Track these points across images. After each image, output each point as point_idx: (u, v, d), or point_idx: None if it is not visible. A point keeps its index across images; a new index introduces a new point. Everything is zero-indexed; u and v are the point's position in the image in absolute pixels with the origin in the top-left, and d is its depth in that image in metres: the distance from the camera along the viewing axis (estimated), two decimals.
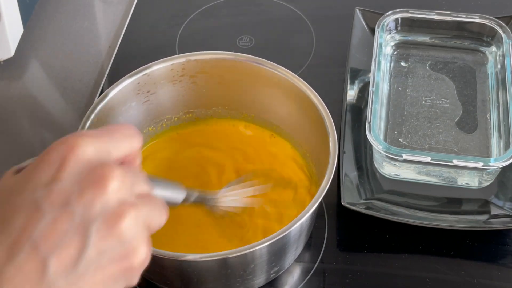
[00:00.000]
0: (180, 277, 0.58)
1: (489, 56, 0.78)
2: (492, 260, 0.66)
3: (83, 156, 0.40)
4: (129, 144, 0.43)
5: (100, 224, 0.39)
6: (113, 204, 0.39)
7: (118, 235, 0.39)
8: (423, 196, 0.69)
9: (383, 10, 0.80)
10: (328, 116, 0.61)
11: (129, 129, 0.44)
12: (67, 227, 0.38)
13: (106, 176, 0.39)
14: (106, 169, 0.40)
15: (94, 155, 0.40)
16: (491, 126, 0.71)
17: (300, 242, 0.61)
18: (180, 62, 0.66)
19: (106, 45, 0.88)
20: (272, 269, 0.59)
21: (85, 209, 0.39)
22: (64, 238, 0.38)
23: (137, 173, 0.43)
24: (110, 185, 0.39)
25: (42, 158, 0.40)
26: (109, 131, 0.42)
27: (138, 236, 0.41)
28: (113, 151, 0.42)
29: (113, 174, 0.40)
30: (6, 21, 0.76)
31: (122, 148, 0.43)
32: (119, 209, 0.40)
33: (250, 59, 0.66)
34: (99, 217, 0.39)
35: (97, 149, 0.41)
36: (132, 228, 0.40)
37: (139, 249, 0.41)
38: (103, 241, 0.39)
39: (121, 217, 0.39)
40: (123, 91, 0.64)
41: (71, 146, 0.40)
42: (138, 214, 0.40)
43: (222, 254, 0.53)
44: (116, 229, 0.39)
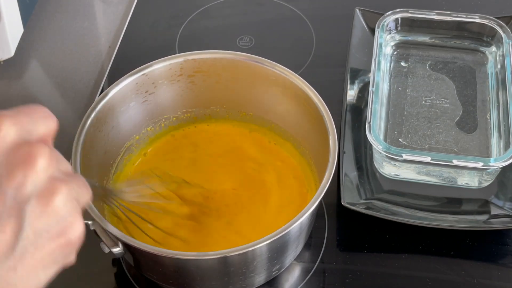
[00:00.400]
0: (182, 276, 0.58)
1: (489, 56, 0.78)
2: (492, 260, 0.66)
3: (7, 138, 0.39)
4: (46, 124, 0.42)
5: (34, 203, 0.38)
6: (44, 181, 0.39)
7: (53, 212, 0.39)
8: (423, 196, 0.69)
9: (383, 10, 0.80)
10: (328, 115, 0.61)
11: (44, 110, 0.43)
12: (0, 210, 0.37)
13: (33, 154, 0.39)
14: (33, 147, 0.39)
15: (17, 136, 0.40)
16: (491, 126, 0.71)
17: (301, 240, 0.61)
18: (178, 61, 0.66)
19: (106, 45, 0.88)
20: (273, 267, 0.60)
21: (17, 190, 0.38)
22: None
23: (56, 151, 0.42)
24: (38, 163, 0.39)
25: None
26: (27, 112, 0.42)
27: (72, 211, 0.40)
28: (33, 130, 0.41)
29: (40, 151, 0.39)
30: (6, 21, 0.77)
31: (41, 128, 0.42)
32: (50, 186, 0.39)
33: (248, 58, 0.66)
34: (32, 197, 0.38)
35: (19, 129, 0.40)
36: (65, 203, 0.40)
37: (75, 224, 0.40)
38: (39, 220, 0.38)
39: (54, 194, 0.39)
40: (121, 91, 0.64)
41: None
42: (69, 189, 0.40)
43: (223, 252, 0.53)
44: (51, 206, 0.39)
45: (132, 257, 0.59)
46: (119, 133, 0.66)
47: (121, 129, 0.66)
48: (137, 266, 0.61)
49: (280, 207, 0.64)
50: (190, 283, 0.59)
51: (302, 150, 0.67)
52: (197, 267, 0.56)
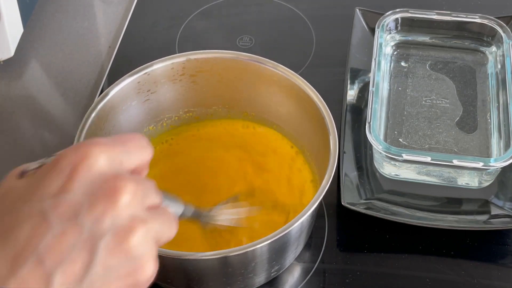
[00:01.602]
0: (181, 276, 0.58)
1: (489, 56, 0.78)
2: (492, 260, 0.66)
3: (95, 167, 0.38)
4: (141, 155, 0.42)
5: (109, 240, 0.38)
6: (123, 219, 0.38)
7: (127, 252, 0.38)
8: (423, 196, 0.69)
9: (383, 10, 0.80)
10: (329, 114, 0.61)
11: (141, 139, 0.42)
12: (74, 241, 0.37)
13: (118, 189, 0.38)
14: (119, 181, 0.38)
15: (106, 166, 0.39)
16: (491, 126, 0.71)
17: (301, 241, 0.61)
18: (181, 61, 0.66)
19: (106, 45, 0.88)
20: (273, 267, 0.59)
21: (95, 223, 0.37)
22: (71, 253, 0.37)
23: (147, 185, 0.41)
24: (121, 199, 0.38)
25: (52, 165, 0.39)
26: (122, 141, 0.41)
27: (146, 252, 0.39)
28: (125, 161, 0.40)
29: (126, 187, 0.38)
30: (6, 21, 0.76)
31: (134, 159, 0.41)
32: (129, 225, 0.38)
33: (250, 58, 0.66)
34: (108, 232, 0.38)
35: (110, 159, 0.39)
36: (141, 244, 0.39)
37: (146, 266, 0.40)
38: (111, 258, 0.38)
39: (131, 233, 0.38)
40: (123, 90, 0.64)
41: (84, 155, 0.38)
42: (148, 230, 0.39)
43: (222, 252, 0.53)
44: (125, 245, 0.38)
45: None
46: (121, 132, 0.66)
47: (123, 128, 0.66)
48: None
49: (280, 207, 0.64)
50: (189, 283, 0.59)
51: (303, 150, 0.67)
52: (196, 267, 0.56)
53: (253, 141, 0.69)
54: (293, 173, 0.67)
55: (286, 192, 0.65)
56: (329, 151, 0.59)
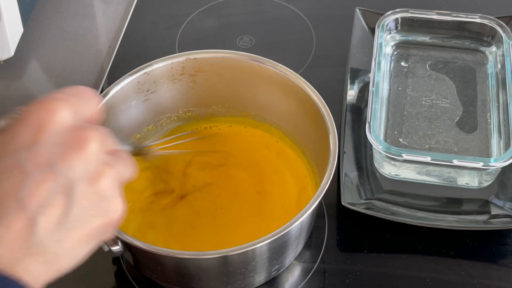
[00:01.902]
0: (181, 275, 0.58)
1: (489, 56, 0.78)
2: (492, 260, 0.66)
3: (62, 119, 0.42)
4: (93, 105, 0.46)
5: (83, 184, 0.41)
6: (93, 164, 0.42)
7: (99, 193, 0.42)
8: (423, 196, 0.69)
9: (383, 10, 0.80)
10: (329, 114, 0.61)
11: (89, 91, 0.46)
12: (52, 186, 0.40)
13: (86, 138, 0.42)
14: (86, 131, 0.42)
15: (70, 117, 0.43)
16: (491, 126, 0.71)
17: (301, 240, 0.61)
18: (180, 60, 0.66)
19: (106, 45, 0.88)
20: (273, 267, 0.59)
21: (69, 170, 0.41)
22: (50, 197, 0.40)
23: (105, 132, 0.45)
24: (90, 147, 0.42)
25: (22, 121, 0.42)
26: (75, 93, 0.45)
27: (115, 192, 0.44)
28: (83, 112, 0.44)
29: (92, 136, 0.42)
30: (6, 21, 0.76)
31: (88, 108, 0.45)
32: (99, 169, 0.42)
33: (250, 57, 0.66)
34: (81, 177, 0.41)
35: (72, 111, 0.43)
36: (110, 186, 0.43)
37: (116, 205, 0.44)
38: (86, 200, 0.42)
39: (101, 177, 0.42)
40: (123, 89, 0.64)
41: (50, 109, 0.42)
42: (114, 173, 0.44)
43: (223, 252, 0.53)
44: (97, 187, 0.42)
45: (131, 255, 0.59)
46: (120, 131, 0.66)
47: (122, 127, 0.66)
48: (136, 264, 0.61)
49: (280, 207, 0.64)
50: (189, 282, 0.59)
51: (303, 150, 0.67)
52: (196, 267, 0.56)
53: (252, 140, 0.69)
54: (293, 173, 0.67)
55: (286, 192, 0.65)
56: (329, 150, 0.59)
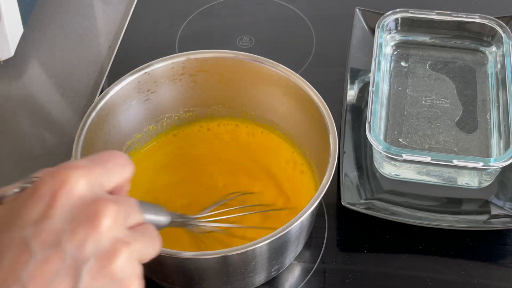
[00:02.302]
0: (181, 275, 0.58)
1: (489, 56, 0.78)
2: (492, 260, 0.66)
3: (75, 191, 0.38)
4: (122, 174, 0.42)
5: (92, 264, 0.38)
6: (106, 243, 0.38)
7: (111, 275, 0.38)
8: (423, 196, 0.69)
9: (383, 10, 0.80)
10: (328, 114, 0.61)
11: (121, 157, 0.42)
12: (57, 267, 0.37)
13: (99, 213, 0.38)
14: (99, 205, 0.38)
15: (86, 189, 0.39)
16: (491, 126, 0.71)
17: (301, 240, 0.61)
18: (181, 60, 0.66)
19: (106, 45, 0.88)
20: (273, 267, 0.59)
21: (77, 249, 0.37)
22: (54, 280, 0.37)
23: (128, 203, 0.41)
24: (103, 223, 0.38)
25: (31, 192, 0.39)
26: (101, 161, 0.41)
27: (131, 273, 0.39)
28: (105, 182, 0.40)
29: (106, 210, 0.38)
30: (6, 21, 0.77)
31: (114, 179, 0.41)
32: (112, 248, 0.38)
33: (250, 57, 0.66)
34: (91, 257, 0.38)
35: (90, 182, 0.39)
36: (125, 266, 0.39)
37: (133, 285, 0.40)
38: (95, 282, 0.38)
39: (114, 257, 0.38)
40: (123, 89, 0.64)
41: (63, 180, 0.38)
42: (131, 251, 0.39)
43: (223, 252, 0.53)
44: (109, 269, 0.38)
45: None
46: (121, 131, 0.66)
47: (123, 127, 0.66)
48: None
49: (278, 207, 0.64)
50: (189, 282, 0.58)
51: (303, 150, 0.67)
52: (196, 267, 0.56)
53: (252, 140, 0.69)
54: (293, 173, 0.67)
55: (285, 192, 0.65)
56: (329, 150, 0.59)
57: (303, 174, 0.67)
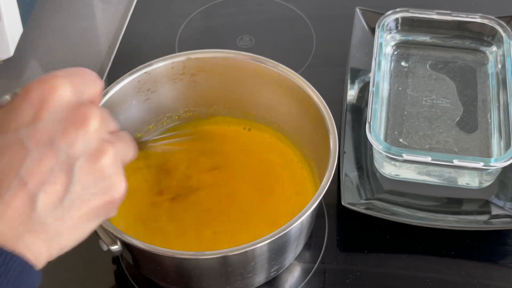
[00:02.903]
0: (180, 275, 0.58)
1: (490, 56, 0.78)
2: (492, 260, 0.66)
3: (63, 97, 0.42)
4: (95, 86, 0.46)
5: (83, 161, 0.41)
6: (94, 142, 0.42)
7: (100, 171, 0.42)
8: (423, 196, 0.69)
9: (383, 10, 0.80)
10: (329, 114, 0.61)
11: (92, 73, 0.46)
12: (52, 164, 0.40)
13: (87, 116, 0.42)
14: (86, 109, 0.42)
15: (72, 95, 0.42)
16: (492, 126, 0.71)
17: (301, 240, 0.61)
18: (181, 60, 0.66)
19: (106, 45, 0.88)
20: (272, 267, 0.59)
21: (69, 147, 0.41)
22: (51, 175, 0.40)
23: (106, 112, 0.45)
24: (91, 124, 0.42)
25: (23, 97, 0.42)
26: (78, 74, 0.45)
27: (116, 171, 0.43)
28: (84, 91, 0.44)
29: (93, 113, 0.42)
30: (6, 21, 0.76)
31: (91, 89, 0.45)
32: (100, 147, 0.42)
33: (251, 57, 0.66)
34: (82, 155, 0.41)
35: (73, 89, 0.43)
36: (111, 164, 0.43)
37: (118, 183, 0.44)
38: (87, 177, 0.42)
39: (102, 155, 0.42)
40: (123, 89, 0.64)
41: (51, 86, 0.42)
42: (116, 151, 0.43)
43: (222, 252, 0.53)
44: (98, 165, 0.42)
45: (130, 255, 0.59)
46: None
47: (123, 126, 0.65)
48: (135, 264, 0.61)
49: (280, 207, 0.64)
50: (188, 282, 0.58)
51: (303, 150, 0.67)
52: (195, 267, 0.56)
53: (253, 141, 0.69)
54: (293, 173, 0.67)
55: (285, 192, 0.65)
56: (329, 150, 0.59)
57: (303, 174, 0.66)
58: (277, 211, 0.64)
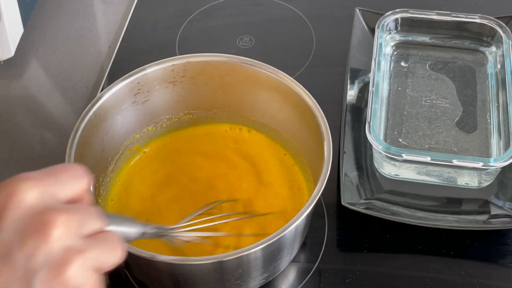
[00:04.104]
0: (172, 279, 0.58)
1: (489, 56, 0.78)
2: (492, 260, 0.66)
3: (24, 202, 0.38)
4: (76, 185, 0.41)
5: (44, 275, 0.37)
6: (57, 252, 0.38)
7: (64, 284, 0.38)
8: (423, 196, 0.69)
9: (383, 10, 0.80)
10: (324, 122, 0.61)
11: (75, 169, 0.42)
12: (8, 279, 0.37)
13: (48, 223, 0.38)
14: (49, 215, 0.38)
15: (36, 200, 0.38)
16: (491, 126, 0.71)
17: (296, 244, 0.61)
18: (181, 63, 0.66)
19: (106, 45, 0.88)
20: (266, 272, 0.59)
21: (27, 260, 0.37)
22: None
23: (86, 212, 0.40)
24: (53, 233, 0.37)
25: None
26: (54, 173, 0.41)
27: (85, 282, 0.39)
28: (59, 193, 0.40)
29: (56, 219, 0.38)
30: (6, 21, 0.77)
31: (68, 189, 0.41)
32: (63, 257, 0.38)
33: (250, 62, 0.66)
34: (42, 267, 0.37)
35: (40, 193, 0.39)
36: (78, 275, 0.38)
37: None
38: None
39: (66, 266, 0.38)
40: (121, 90, 0.64)
41: (11, 192, 0.38)
42: (85, 260, 0.38)
43: (218, 257, 0.52)
44: (61, 278, 0.37)
45: None
46: (119, 131, 0.66)
47: (121, 127, 0.66)
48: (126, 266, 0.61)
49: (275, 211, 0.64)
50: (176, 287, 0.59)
51: (300, 157, 0.67)
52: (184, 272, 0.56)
53: (251, 146, 0.69)
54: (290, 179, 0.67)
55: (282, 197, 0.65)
56: (323, 159, 0.59)
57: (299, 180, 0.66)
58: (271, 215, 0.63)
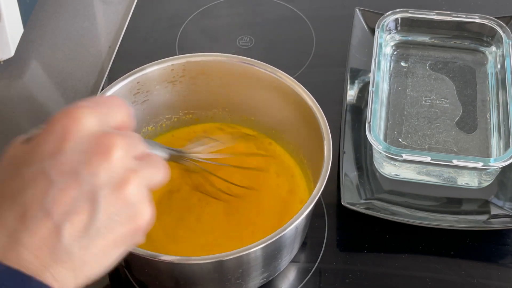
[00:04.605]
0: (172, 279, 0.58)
1: (489, 56, 0.78)
2: (492, 260, 0.66)
3: (86, 127, 0.42)
4: (122, 112, 0.46)
5: (108, 191, 0.41)
6: (118, 171, 0.42)
7: (124, 200, 0.42)
8: (423, 196, 0.69)
9: (383, 10, 0.80)
10: (324, 120, 0.61)
11: (118, 100, 0.46)
12: (76, 194, 0.41)
13: (110, 145, 0.42)
14: (110, 138, 0.42)
15: (95, 125, 0.43)
16: (491, 126, 0.71)
17: (296, 243, 0.61)
18: (181, 63, 0.66)
19: (106, 45, 0.88)
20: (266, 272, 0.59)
21: (93, 177, 0.41)
22: (75, 205, 0.40)
23: (134, 137, 0.45)
24: (114, 154, 0.42)
25: (46, 129, 0.42)
26: (104, 103, 0.45)
27: (141, 199, 0.43)
28: (110, 120, 0.44)
29: (116, 142, 0.42)
30: (6, 21, 0.76)
31: (117, 116, 0.45)
32: (124, 176, 0.42)
33: (251, 62, 0.65)
34: (106, 185, 0.41)
35: (97, 119, 0.43)
36: (136, 192, 0.43)
37: (143, 211, 0.43)
38: (111, 206, 0.42)
39: (126, 183, 0.42)
40: (122, 89, 0.64)
41: (74, 117, 0.42)
42: (141, 179, 0.43)
43: (217, 256, 0.52)
44: (122, 194, 0.42)
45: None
46: None
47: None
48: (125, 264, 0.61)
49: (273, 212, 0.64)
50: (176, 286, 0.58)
51: (300, 157, 0.67)
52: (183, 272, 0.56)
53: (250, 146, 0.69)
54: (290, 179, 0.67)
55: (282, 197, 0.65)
56: (323, 159, 0.58)
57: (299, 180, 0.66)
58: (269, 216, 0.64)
